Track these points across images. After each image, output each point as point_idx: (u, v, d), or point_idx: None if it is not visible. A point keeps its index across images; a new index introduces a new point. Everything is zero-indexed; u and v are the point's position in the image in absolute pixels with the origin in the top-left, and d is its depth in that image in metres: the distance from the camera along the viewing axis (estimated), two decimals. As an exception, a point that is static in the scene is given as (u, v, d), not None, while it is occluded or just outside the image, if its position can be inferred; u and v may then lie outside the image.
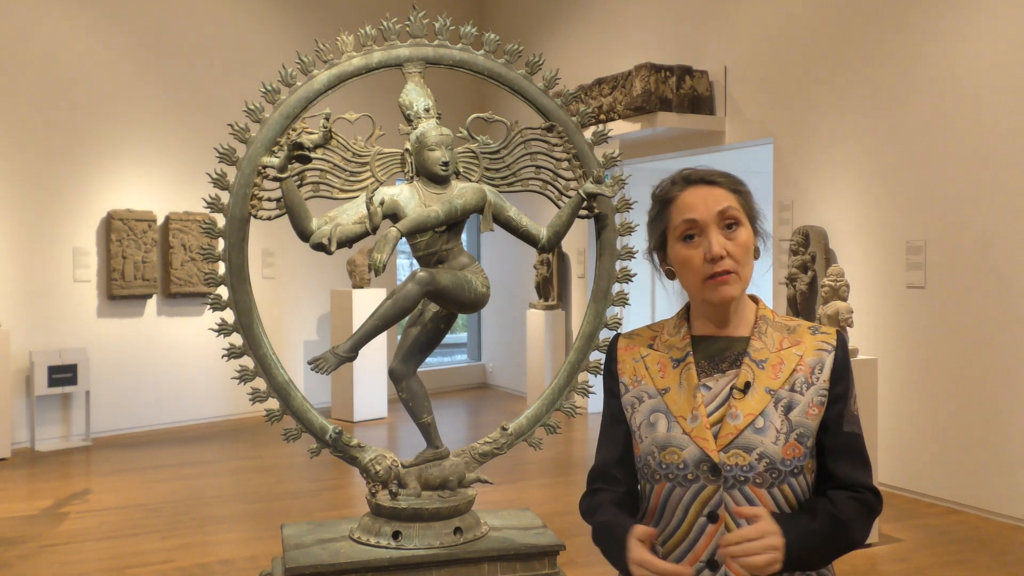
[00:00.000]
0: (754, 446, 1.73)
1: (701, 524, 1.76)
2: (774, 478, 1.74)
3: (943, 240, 6.12)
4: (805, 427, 1.76)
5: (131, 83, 9.03)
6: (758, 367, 1.79)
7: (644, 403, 1.85)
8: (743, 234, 1.78)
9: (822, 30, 7.05)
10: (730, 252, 1.76)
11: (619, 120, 8.07)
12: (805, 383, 1.78)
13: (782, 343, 1.82)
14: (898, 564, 5.02)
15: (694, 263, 1.78)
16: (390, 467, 3.26)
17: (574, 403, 3.52)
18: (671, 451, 1.78)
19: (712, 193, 1.79)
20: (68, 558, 5.20)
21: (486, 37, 3.43)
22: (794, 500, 1.77)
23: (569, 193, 3.43)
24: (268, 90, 3.22)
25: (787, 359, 1.79)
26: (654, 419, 1.82)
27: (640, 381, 1.87)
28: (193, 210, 9.19)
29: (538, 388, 9.56)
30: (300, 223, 3.11)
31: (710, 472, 1.74)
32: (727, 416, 1.76)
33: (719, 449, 1.74)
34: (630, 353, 1.91)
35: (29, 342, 8.32)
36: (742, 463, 1.73)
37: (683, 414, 1.78)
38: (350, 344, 3.11)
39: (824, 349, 1.81)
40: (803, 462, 1.77)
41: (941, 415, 6.13)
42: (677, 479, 1.77)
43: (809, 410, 1.77)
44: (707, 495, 1.75)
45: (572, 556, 4.81)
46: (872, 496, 1.81)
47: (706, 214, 1.77)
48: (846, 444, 1.80)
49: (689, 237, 1.79)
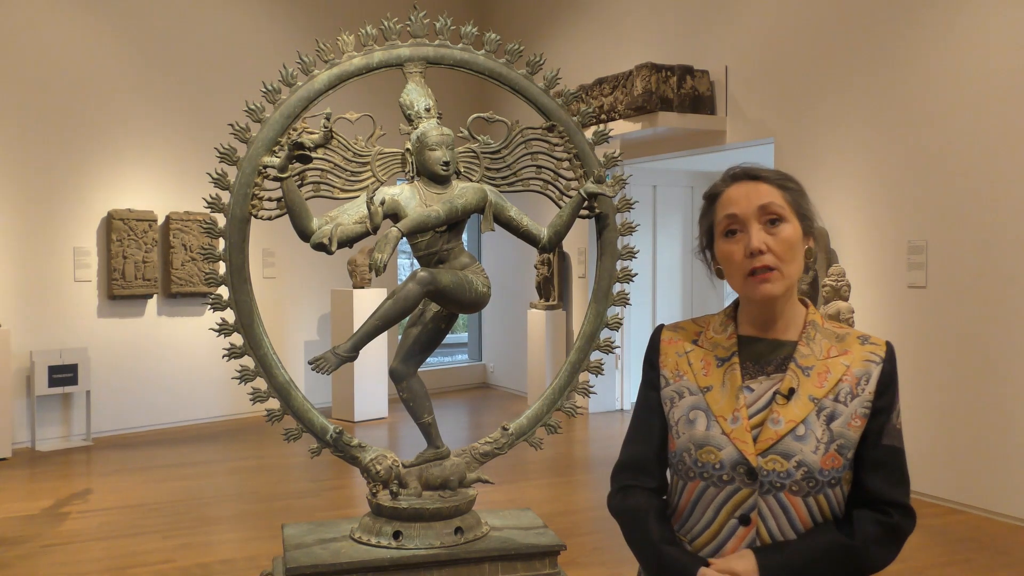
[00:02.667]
0: (793, 453, 1.71)
1: (732, 526, 1.74)
2: (811, 487, 1.72)
3: (944, 240, 6.12)
4: (847, 438, 1.74)
5: (132, 83, 9.03)
6: (804, 374, 1.76)
7: (684, 399, 1.82)
8: (787, 230, 1.74)
9: (823, 30, 7.04)
10: (771, 247, 1.73)
11: (620, 120, 8.07)
12: (850, 394, 1.75)
13: (830, 351, 1.79)
14: (898, 564, 5.02)
15: (735, 258, 1.75)
16: (391, 467, 3.26)
17: (575, 403, 3.52)
18: (708, 450, 1.76)
19: (756, 188, 1.77)
20: (68, 558, 5.20)
21: (487, 37, 3.43)
22: (828, 511, 1.75)
23: (570, 193, 3.43)
24: (269, 90, 3.22)
25: (833, 368, 1.77)
26: (693, 416, 1.80)
27: (682, 376, 1.84)
28: (194, 210, 9.18)
29: (539, 388, 9.55)
30: (301, 223, 3.11)
31: (746, 475, 1.72)
32: (768, 420, 1.73)
33: (757, 453, 1.72)
34: (673, 347, 1.89)
35: (29, 342, 8.32)
36: (780, 469, 1.71)
37: (724, 414, 1.76)
38: (351, 344, 3.11)
39: (872, 360, 1.79)
40: (841, 473, 1.74)
41: (941, 415, 6.12)
42: (712, 479, 1.75)
43: (852, 421, 1.74)
44: (741, 498, 1.73)
45: (573, 556, 4.81)
46: (901, 516, 1.76)
47: (747, 208, 1.75)
48: (883, 458, 1.76)
49: (731, 232, 1.77)
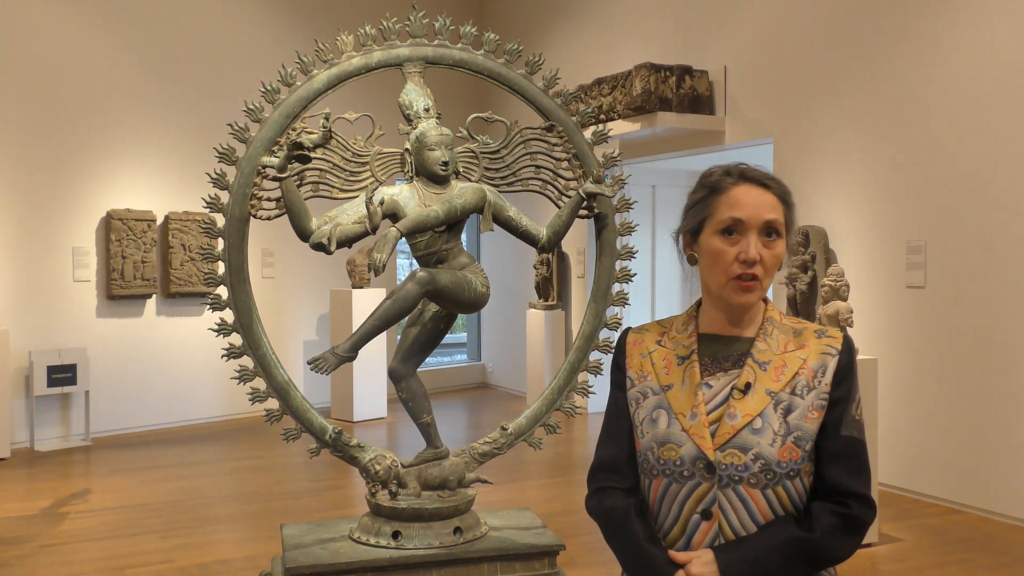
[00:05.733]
0: (750, 446, 1.74)
1: (695, 521, 1.77)
2: (769, 480, 1.75)
3: (943, 240, 6.12)
4: (804, 431, 1.76)
5: (131, 83, 9.02)
6: (760, 368, 1.79)
7: (648, 399, 1.86)
8: (780, 246, 1.80)
9: (822, 30, 7.04)
10: (764, 259, 1.77)
11: (619, 120, 8.06)
12: (807, 387, 1.78)
13: (787, 345, 1.82)
14: (898, 564, 5.02)
15: (726, 259, 1.78)
16: (390, 467, 3.26)
17: (574, 403, 3.52)
18: (669, 447, 1.79)
19: (764, 198, 1.79)
20: (67, 558, 5.19)
21: (486, 37, 3.43)
22: (789, 503, 1.77)
23: (569, 193, 3.43)
24: (268, 90, 3.22)
25: (790, 362, 1.80)
26: (656, 415, 1.83)
27: (646, 377, 1.88)
28: (193, 210, 9.18)
29: (538, 388, 9.55)
30: (300, 223, 3.11)
31: (705, 470, 1.76)
32: (725, 415, 1.77)
33: (715, 448, 1.75)
34: (638, 348, 1.93)
35: (28, 342, 8.31)
36: (737, 463, 1.74)
37: (683, 411, 1.80)
38: (350, 344, 3.11)
39: (828, 353, 1.81)
40: (800, 465, 1.77)
41: (941, 415, 6.12)
42: (674, 475, 1.79)
43: (809, 414, 1.77)
44: (701, 492, 1.76)
45: (572, 556, 4.81)
46: (860, 506, 1.78)
47: (754, 217, 1.77)
48: (842, 449, 1.78)
49: (729, 232, 1.78)
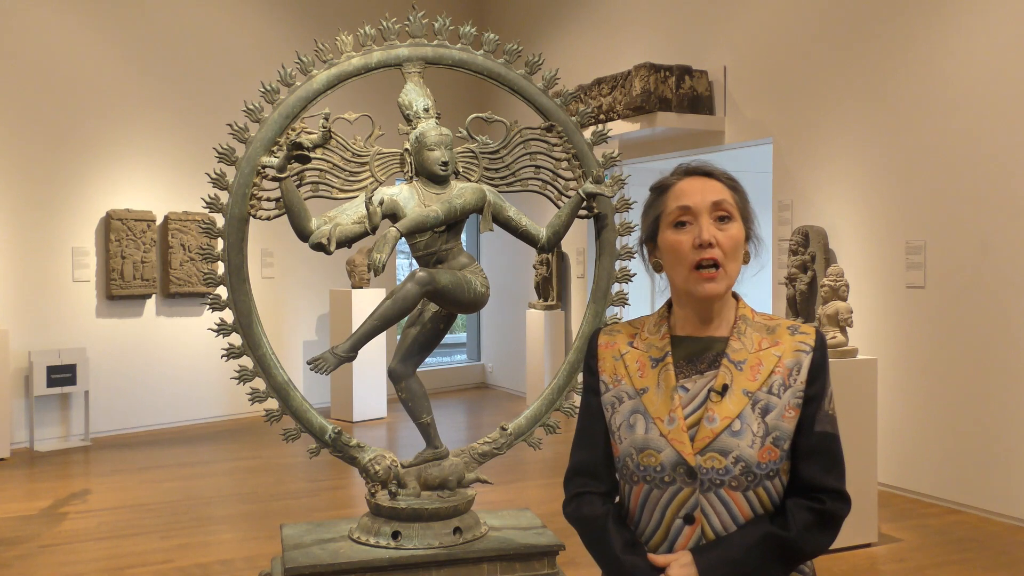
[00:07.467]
0: (730, 449, 1.73)
1: (678, 526, 1.76)
2: (750, 481, 1.74)
3: (943, 240, 6.12)
4: (782, 430, 1.76)
5: (130, 83, 9.02)
6: (736, 368, 1.78)
7: (624, 404, 1.84)
8: (734, 228, 1.79)
9: (822, 30, 7.04)
10: (720, 242, 1.76)
11: (618, 120, 8.06)
12: (783, 385, 1.77)
13: (761, 343, 1.81)
14: (898, 564, 5.02)
15: (683, 248, 1.78)
16: (389, 467, 3.26)
17: (573, 403, 3.51)
18: (648, 453, 1.77)
19: (709, 184, 1.81)
20: (67, 558, 5.19)
21: (485, 37, 3.43)
22: (769, 502, 1.77)
23: (568, 193, 3.43)
24: (267, 90, 3.22)
25: (765, 360, 1.79)
26: (633, 420, 1.81)
27: (620, 381, 1.86)
28: (192, 210, 9.18)
29: (537, 388, 9.55)
30: (299, 223, 3.11)
31: (686, 475, 1.74)
32: (704, 419, 1.75)
33: (695, 452, 1.74)
34: (610, 350, 1.90)
35: (28, 342, 8.31)
36: (718, 466, 1.73)
37: (660, 416, 1.78)
38: (349, 344, 3.11)
39: (802, 350, 1.80)
40: (779, 465, 1.76)
41: (941, 415, 6.12)
42: (654, 481, 1.77)
43: (786, 413, 1.76)
44: (683, 497, 1.75)
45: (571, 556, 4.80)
46: (835, 502, 1.77)
47: (701, 202, 1.78)
48: (817, 445, 1.78)
49: (681, 224, 1.79)
